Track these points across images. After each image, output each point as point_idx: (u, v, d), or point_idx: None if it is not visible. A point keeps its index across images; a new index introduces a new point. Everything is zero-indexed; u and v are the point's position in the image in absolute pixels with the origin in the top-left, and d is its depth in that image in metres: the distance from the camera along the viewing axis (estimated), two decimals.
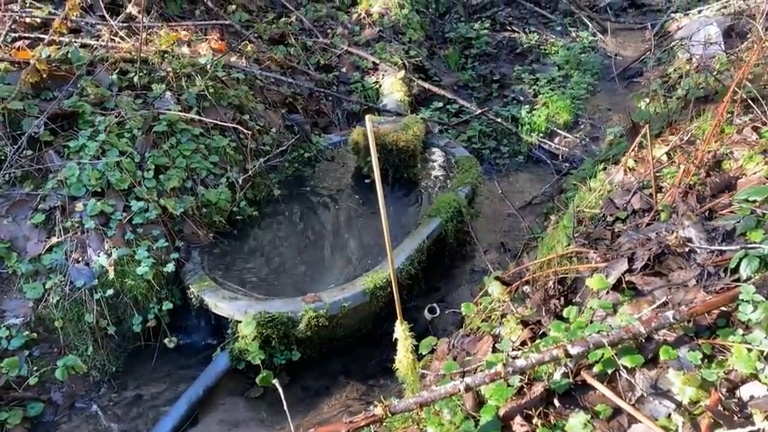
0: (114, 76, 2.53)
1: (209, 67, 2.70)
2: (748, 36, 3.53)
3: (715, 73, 2.74)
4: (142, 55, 2.67)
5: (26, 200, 2.12)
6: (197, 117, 2.50)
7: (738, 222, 1.52)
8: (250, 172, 2.54)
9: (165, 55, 2.74)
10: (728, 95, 1.81)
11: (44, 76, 2.34)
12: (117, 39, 2.89)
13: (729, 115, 2.06)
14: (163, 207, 2.21)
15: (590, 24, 4.40)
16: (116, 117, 2.32)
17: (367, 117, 1.24)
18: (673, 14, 4.34)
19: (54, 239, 2.05)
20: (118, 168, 2.17)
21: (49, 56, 2.42)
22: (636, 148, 2.13)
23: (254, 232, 2.46)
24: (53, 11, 2.91)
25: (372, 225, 2.46)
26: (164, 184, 2.27)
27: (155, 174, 2.27)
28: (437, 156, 2.95)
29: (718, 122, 1.87)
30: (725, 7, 4.23)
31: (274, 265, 2.28)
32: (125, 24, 3.08)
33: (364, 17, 3.87)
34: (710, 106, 2.28)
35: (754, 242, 1.45)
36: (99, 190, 2.16)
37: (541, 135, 3.40)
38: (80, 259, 2.08)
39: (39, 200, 2.12)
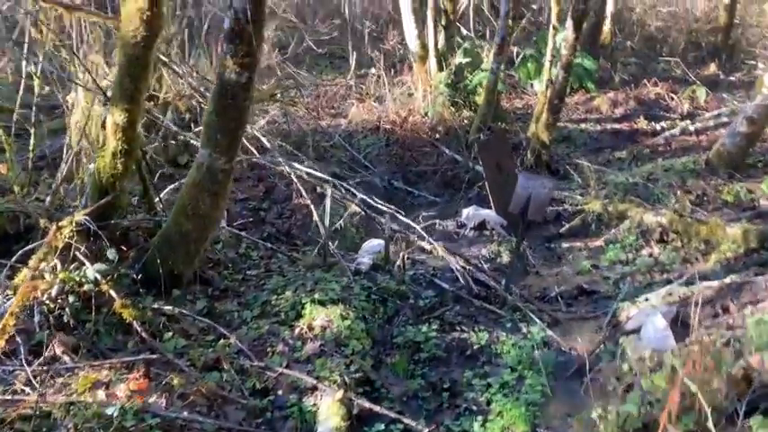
0: None
1: (115, 418, 2.51)
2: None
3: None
4: (45, 408, 2.48)
5: None
6: None
7: None
8: None
9: (72, 407, 2.56)
10: None
11: None
12: (27, 389, 2.73)
13: None
14: None
15: (540, 318, 4.35)
16: None
17: None
18: (620, 303, 4.34)
19: None
20: None
21: None
22: None
23: None
24: None
25: None
26: None
27: None
28: None
29: None
30: (669, 294, 4.24)
31: None
32: (44, 369, 2.95)
33: (306, 331, 3.80)
34: None
35: None
36: None
37: None
38: None
39: None
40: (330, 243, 4.83)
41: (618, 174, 7.17)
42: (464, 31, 10.84)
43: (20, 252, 3.56)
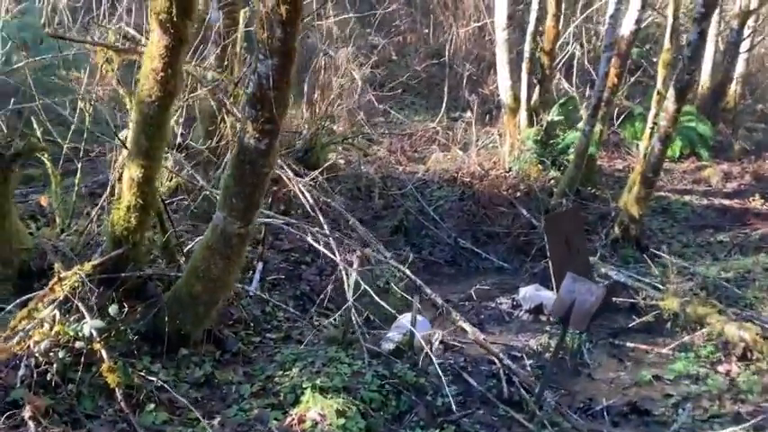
0: None
1: None
2: None
3: None
4: None
5: None
6: None
7: None
8: None
9: None
10: None
11: None
12: None
13: None
14: None
15: None
16: None
17: None
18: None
19: None
20: None
21: None
22: None
23: None
24: None
25: None
26: None
27: None
28: None
29: None
30: None
31: None
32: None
33: (296, 423, 3.49)
34: None
35: None
36: None
37: None
38: None
39: None
40: (356, 315, 4.50)
41: (708, 266, 6.36)
42: (565, 85, 10.25)
43: (18, 300, 3.49)
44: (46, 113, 4.70)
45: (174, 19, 3.00)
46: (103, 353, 3.44)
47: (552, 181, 8.28)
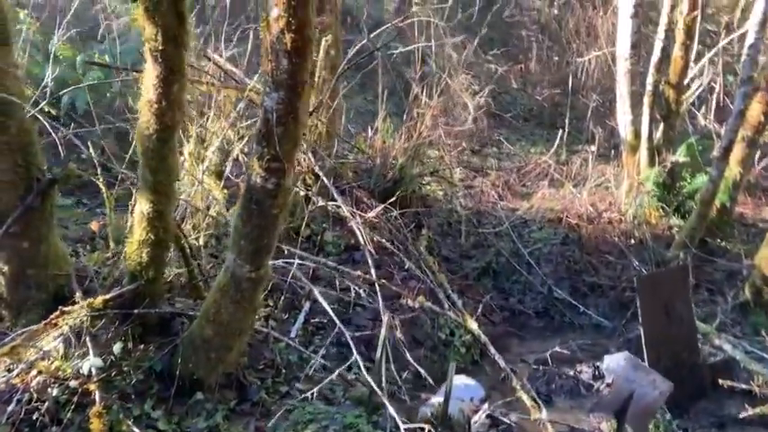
0: None
1: None
2: None
3: None
4: None
5: None
6: None
7: None
8: None
9: None
10: None
11: None
12: None
13: None
14: None
15: None
16: None
17: None
18: None
19: None
20: None
21: None
22: None
23: None
24: None
25: None
26: None
27: None
28: None
29: None
30: None
31: None
32: None
33: None
34: None
35: None
36: None
37: None
38: None
39: None
40: (394, 372, 4.03)
41: None
42: (700, 123, 9.08)
43: (21, 331, 3.41)
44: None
45: (162, 48, 2.77)
46: (97, 394, 3.27)
47: (673, 230, 7.26)
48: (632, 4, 7.45)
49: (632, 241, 7.17)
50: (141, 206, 3.36)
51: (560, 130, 9.63)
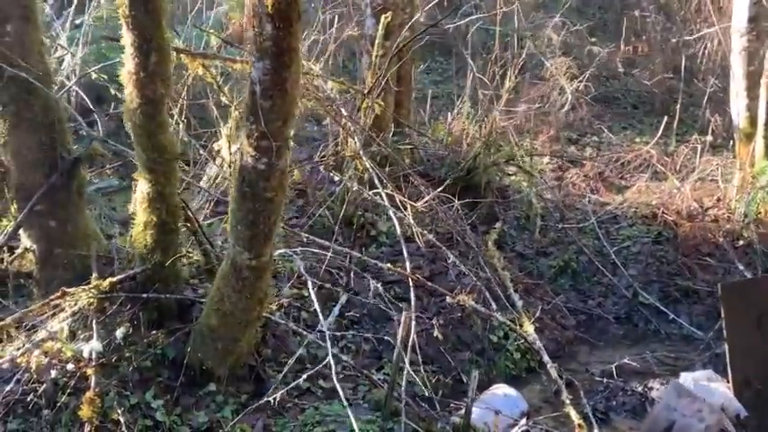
0: None
1: None
2: None
3: None
4: None
5: None
6: None
7: None
8: None
9: None
10: None
11: None
12: None
13: None
14: None
15: None
16: None
17: None
18: None
19: None
20: None
21: None
22: None
23: None
24: None
25: None
26: None
27: None
28: None
29: None
30: None
31: None
32: None
33: None
34: None
35: None
36: None
37: None
38: None
39: None
40: (413, 376, 3.66)
41: None
42: None
43: (16, 313, 3.36)
44: None
45: (133, 14, 2.58)
46: (92, 379, 3.18)
47: None
48: None
49: (740, 242, 6.27)
50: (141, 187, 3.22)
51: (669, 118, 8.69)
